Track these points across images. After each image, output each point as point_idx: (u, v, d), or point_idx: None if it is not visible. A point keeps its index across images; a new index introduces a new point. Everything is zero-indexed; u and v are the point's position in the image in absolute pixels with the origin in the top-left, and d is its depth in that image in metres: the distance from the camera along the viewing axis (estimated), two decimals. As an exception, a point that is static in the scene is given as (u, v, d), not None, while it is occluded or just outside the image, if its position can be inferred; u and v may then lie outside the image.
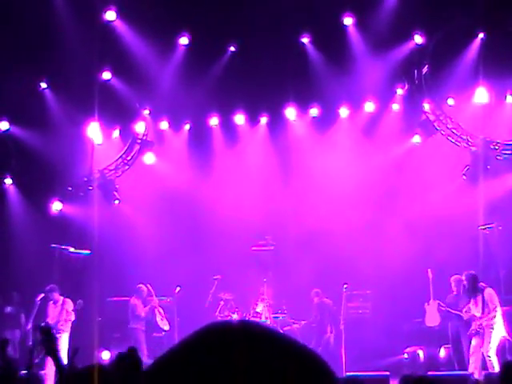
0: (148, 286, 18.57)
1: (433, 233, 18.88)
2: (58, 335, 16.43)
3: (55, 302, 16.73)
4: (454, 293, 16.70)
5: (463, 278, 15.66)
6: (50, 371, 14.64)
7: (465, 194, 18.83)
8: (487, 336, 15.16)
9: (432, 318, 17.36)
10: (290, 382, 1.23)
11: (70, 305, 16.78)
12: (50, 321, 16.41)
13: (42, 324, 14.71)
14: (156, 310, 18.58)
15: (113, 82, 20.15)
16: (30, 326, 16.77)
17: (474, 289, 15.39)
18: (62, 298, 16.83)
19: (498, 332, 15.20)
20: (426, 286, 17.73)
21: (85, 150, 20.28)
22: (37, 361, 13.90)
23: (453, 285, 16.70)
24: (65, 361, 15.56)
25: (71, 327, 16.77)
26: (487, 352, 15.06)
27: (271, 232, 20.11)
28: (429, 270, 17.39)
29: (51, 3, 18.51)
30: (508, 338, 16.21)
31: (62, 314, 16.60)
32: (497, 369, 14.60)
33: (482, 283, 15.47)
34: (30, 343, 15.81)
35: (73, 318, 16.75)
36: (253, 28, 18.96)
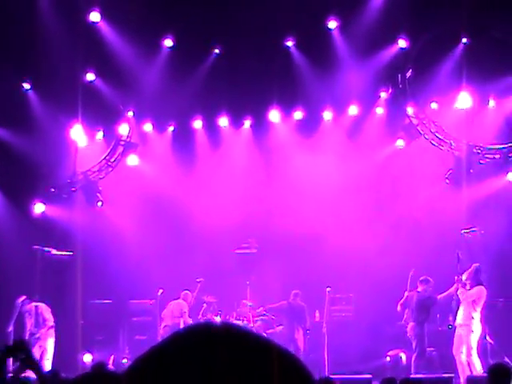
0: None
1: (416, 236, 18.93)
2: (41, 343, 16.36)
3: (30, 313, 16.64)
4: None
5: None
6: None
7: (448, 197, 18.90)
8: (466, 338, 15.30)
9: None
10: None
11: (44, 309, 16.67)
12: (29, 332, 16.38)
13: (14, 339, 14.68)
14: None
15: (97, 83, 20.09)
16: (10, 328, 16.65)
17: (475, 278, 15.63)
18: (33, 305, 16.69)
19: (476, 334, 15.34)
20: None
21: (68, 151, 20.22)
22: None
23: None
24: (49, 366, 15.57)
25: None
26: (469, 355, 15.17)
27: (254, 235, 20.14)
28: (412, 270, 17.31)
29: (35, 4, 18.44)
30: (490, 340, 16.32)
31: (38, 322, 16.49)
32: (479, 370, 14.72)
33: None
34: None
35: (51, 322, 16.64)
36: (237, 31, 18.98)
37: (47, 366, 15.89)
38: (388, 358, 18.00)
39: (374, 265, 18.73)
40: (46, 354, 16.44)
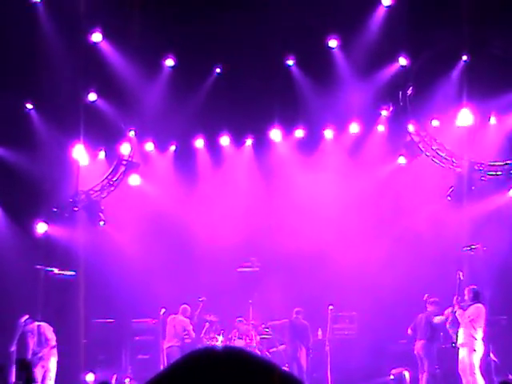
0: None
1: (418, 254, 18.89)
2: (43, 363, 16.30)
3: (32, 332, 16.58)
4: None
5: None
6: None
7: (450, 214, 18.88)
8: (468, 358, 15.21)
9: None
10: None
11: (47, 329, 16.61)
12: (32, 351, 16.32)
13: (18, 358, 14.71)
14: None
15: (98, 103, 20.14)
16: (13, 348, 16.59)
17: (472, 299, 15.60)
18: (36, 324, 16.63)
19: (479, 353, 15.24)
20: (411, 306, 17.75)
21: (70, 171, 20.24)
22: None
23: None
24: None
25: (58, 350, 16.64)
26: (472, 374, 15.09)
27: (256, 253, 20.10)
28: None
29: (38, 24, 18.51)
30: (494, 358, 16.24)
31: (40, 341, 16.44)
32: None
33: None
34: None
35: (53, 342, 16.58)
36: (238, 50, 19.03)
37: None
38: (392, 377, 17.91)
39: (376, 283, 18.69)
40: (49, 373, 16.39)
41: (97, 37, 19.15)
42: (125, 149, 20.87)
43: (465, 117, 18.84)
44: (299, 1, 18.22)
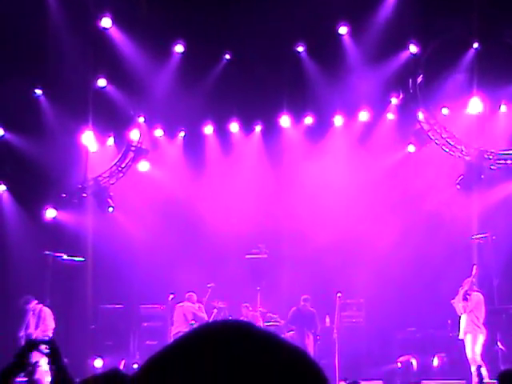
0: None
1: (426, 242, 18.88)
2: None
3: (34, 312, 16.55)
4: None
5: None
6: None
7: (459, 203, 18.86)
8: (472, 345, 15.39)
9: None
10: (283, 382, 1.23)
11: (48, 315, 16.55)
12: (32, 331, 16.26)
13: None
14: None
15: (108, 89, 20.14)
16: (22, 333, 16.63)
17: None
18: (39, 306, 16.59)
19: (481, 339, 15.43)
20: (419, 294, 17.78)
21: (79, 157, 20.26)
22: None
23: None
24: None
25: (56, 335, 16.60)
26: (475, 359, 15.27)
27: (265, 240, 20.09)
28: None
29: (46, 10, 18.50)
30: (501, 347, 16.27)
31: (39, 324, 16.38)
32: (485, 375, 14.69)
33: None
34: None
35: (52, 326, 16.48)
36: (248, 36, 18.98)
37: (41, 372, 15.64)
38: (399, 364, 17.93)
39: (384, 270, 18.69)
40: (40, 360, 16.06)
41: (106, 22, 19.11)
42: (134, 135, 20.87)
43: (475, 105, 18.78)
44: (309, -13, 18.15)
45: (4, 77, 18.21)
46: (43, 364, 14.79)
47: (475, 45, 18.77)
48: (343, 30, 19.37)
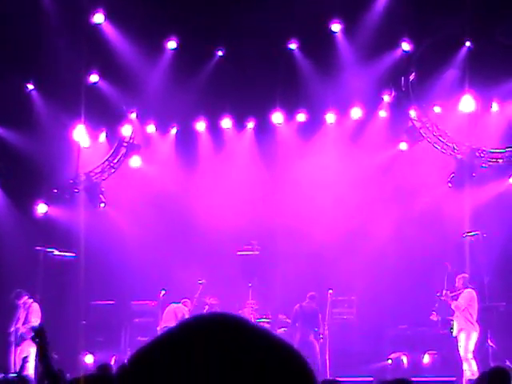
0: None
1: (418, 239, 18.91)
2: (23, 347, 16.02)
3: (24, 307, 16.47)
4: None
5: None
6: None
7: (450, 201, 18.90)
8: (464, 343, 15.47)
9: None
10: (271, 377, 1.22)
11: (34, 309, 16.43)
12: (20, 326, 16.19)
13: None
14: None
15: (100, 84, 20.12)
16: (12, 328, 16.57)
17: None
18: (30, 301, 16.50)
19: (475, 337, 15.51)
20: (410, 292, 17.81)
21: (71, 152, 20.23)
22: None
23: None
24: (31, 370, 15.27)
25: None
26: (466, 358, 15.35)
27: (257, 237, 20.11)
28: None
29: (39, 6, 18.45)
30: (491, 344, 16.33)
31: (27, 318, 16.29)
32: (475, 371, 14.77)
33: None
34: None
35: (36, 322, 16.28)
36: (241, 33, 18.97)
37: (30, 368, 15.53)
38: (390, 361, 17.98)
39: (376, 268, 18.72)
40: (29, 356, 15.87)
41: (99, 18, 19.07)
42: (126, 130, 20.86)
43: (467, 103, 18.80)
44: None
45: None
46: (31, 360, 14.76)
47: (467, 43, 18.78)
48: (336, 27, 19.35)
